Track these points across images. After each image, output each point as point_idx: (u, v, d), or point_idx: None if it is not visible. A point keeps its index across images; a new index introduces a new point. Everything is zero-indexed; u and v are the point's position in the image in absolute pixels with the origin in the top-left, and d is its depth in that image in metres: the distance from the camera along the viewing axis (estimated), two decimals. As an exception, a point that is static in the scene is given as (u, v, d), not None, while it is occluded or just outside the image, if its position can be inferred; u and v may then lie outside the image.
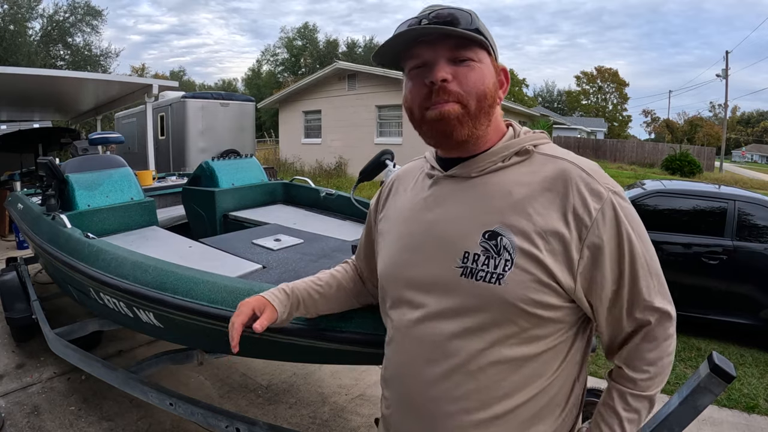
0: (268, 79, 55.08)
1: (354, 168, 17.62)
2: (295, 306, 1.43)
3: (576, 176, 1.02)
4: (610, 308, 1.06)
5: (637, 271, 1.03)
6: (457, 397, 1.05)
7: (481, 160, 1.10)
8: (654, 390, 1.09)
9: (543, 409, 1.08)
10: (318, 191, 4.56)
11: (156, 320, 2.31)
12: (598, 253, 1.00)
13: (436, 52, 1.04)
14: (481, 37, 1.05)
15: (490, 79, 1.07)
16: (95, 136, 5.05)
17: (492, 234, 1.03)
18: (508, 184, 1.06)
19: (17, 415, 3.32)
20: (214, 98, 14.00)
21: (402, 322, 1.15)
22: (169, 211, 5.34)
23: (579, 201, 1.00)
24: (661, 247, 5.09)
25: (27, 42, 25.26)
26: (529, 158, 1.10)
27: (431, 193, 1.16)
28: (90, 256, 2.59)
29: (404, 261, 1.16)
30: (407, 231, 1.18)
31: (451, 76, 1.03)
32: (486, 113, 1.07)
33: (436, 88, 1.03)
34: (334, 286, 1.49)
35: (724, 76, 38.56)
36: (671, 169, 25.18)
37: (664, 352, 1.09)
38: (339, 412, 3.47)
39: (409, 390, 1.13)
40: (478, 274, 1.02)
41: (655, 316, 1.06)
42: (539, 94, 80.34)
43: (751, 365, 4.45)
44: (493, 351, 1.03)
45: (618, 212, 1.01)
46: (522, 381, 1.04)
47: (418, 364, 1.10)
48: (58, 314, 4.73)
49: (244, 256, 2.89)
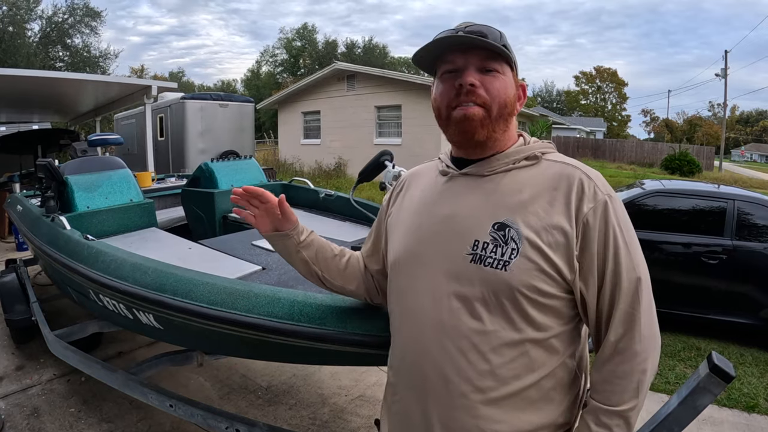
0: (267, 80, 55.13)
1: (353, 169, 17.61)
2: (310, 244, 1.48)
3: (578, 178, 1.13)
4: (597, 305, 1.13)
5: (620, 272, 1.10)
6: (469, 376, 1.12)
7: (494, 161, 1.22)
8: (626, 406, 1.11)
9: (550, 392, 1.15)
10: (317, 192, 4.56)
11: (155, 322, 2.31)
12: (588, 246, 1.10)
13: (468, 59, 1.17)
14: (507, 52, 1.17)
15: (511, 90, 1.20)
16: (94, 137, 5.04)
17: (501, 225, 1.13)
18: (518, 183, 1.17)
19: (17, 416, 3.32)
20: (213, 99, 14.00)
21: (415, 307, 1.23)
22: (168, 212, 5.34)
23: (578, 199, 1.11)
24: (660, 246, 5.10)
25: (26, 43, 25.28)
26: (537, 163, 1.21)
27: (446, 188, 1.27)
28: (89, 258, 2.59)
29: (418, 249, 1.24)
30: (420, 222, 1.27)
31: (479, 81, 1.16)
32: (505, 120, 1.20)
33: (465, 90, 1.15)
34: (346, 256, 1.53)
35: (723, 76, 38.55)
36: (670, 168, 25.19)
37: (635, 367, 1.10)
38: (339, 413, 3.47)
39: (423, 371, 1.19)
40: (487, 260, 1.11)
41: (626, 326, 1.11)
42: (538, 94, 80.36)
43: (751, 365, 4.44)
44: (501, 333, 1.11)
45: (609, 213, 1.10)
46: (530, 363, 1.12)
47: (431, 346, 1.17)
48: (57, 316, 4.73)
49: (243, 257, 2.89)
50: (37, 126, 13.18)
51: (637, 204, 5.33)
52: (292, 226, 1.45)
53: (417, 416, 1.21)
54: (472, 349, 1.12)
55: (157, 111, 13.62)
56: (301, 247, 1.47)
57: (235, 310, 1.82)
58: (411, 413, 1.23)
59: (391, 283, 1.34)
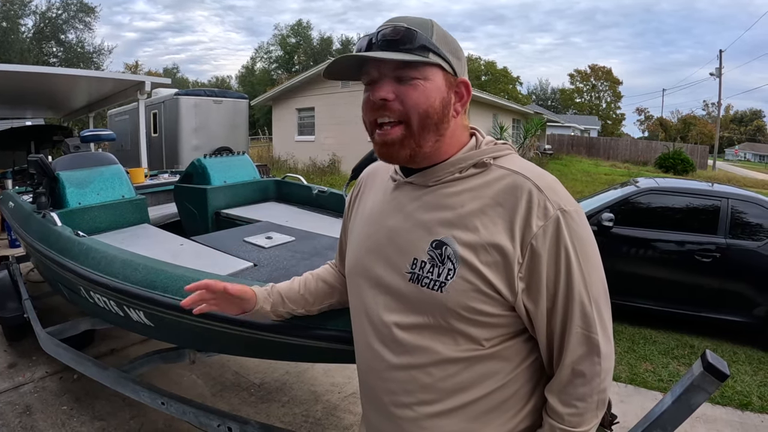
0: (262, 77, 55.02)
1: (347, 165, 17.60)
2: (279, 303, 1.48)
3: (527, 192, 1.03)
4: (547, 327, 1.06)
5: (573, 294, 1.03)
6: (412, 389, 1.11)
7: (438, 170, 1.13)
8: (584, 427, 1.08)
9: (497, 407, 1.10)
10: (310, 189, 4.54)
11: (146, 319, 2.29)
12: (536, 270, 1.02)
13: (380, 71, 1.08)
14: (426, 57, 1.06)
15: (436, 96, 1.08)
16: (87, 133, 5.01)
17: (439, 243, 1.07)
18: (461, 197, 1.09)
19: (9, 414, 3.30)
20: (207, 95, 13.93)
21: (361, 321, 1.22)
22: (161, 208, 5.30)
23: (524, 216, 1.02)
24: (654, 244, 5.11)
25: (19, 39, 25.16)
26: (486, 170, 1.11)
27: (393, 197, 1.21)
28: (80, 255, 2.56)
29: (366, 262, 1.21)
30: (369, 233, 1.23)
31: (393, 95, 1.07)
32: (432, 130, 1.09)
33: (377, 105, 1.08)
34: (312, 282, 1.53)
35: (718, 75, 38.70)
36: (664, 167, 25.31)
37: (594, 388, 1.06)
38: (332, 411, 3.46)
39: (370, 383, 1.21)
40: (424, 280, 1.07)
41: (584, 348, 1.05)
42: (533, 92, 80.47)
43: (744, 362, 4.46)
44: (442, 350, 1.07)
45: (561, 232, 1.01)
46: (473, 378, 1.08)
47: (376, 360, 1.16)
48: (50, 313, 4.70)
49: (235, 253, 2.87)
50: (30, 122, 13.14)
51: (631, 202, 5.35)
52: (253, 302, 1.43)
53: (375, 425, 1.22)
54: (414, 366, 1.09)
55: (151, 107, 13.56)
56: (273, 311, 1.48)
57: (226, 307, 1.81)
58: (372, 422, 1.24)
59: (349, 292, 1.32)
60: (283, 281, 1.54)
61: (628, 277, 5.13)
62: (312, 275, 1.54)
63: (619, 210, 5.30)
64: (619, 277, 5.05)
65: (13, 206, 4.14)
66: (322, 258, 2.73)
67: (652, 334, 5.00)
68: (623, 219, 5.24)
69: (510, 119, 24.69)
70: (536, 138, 26.83)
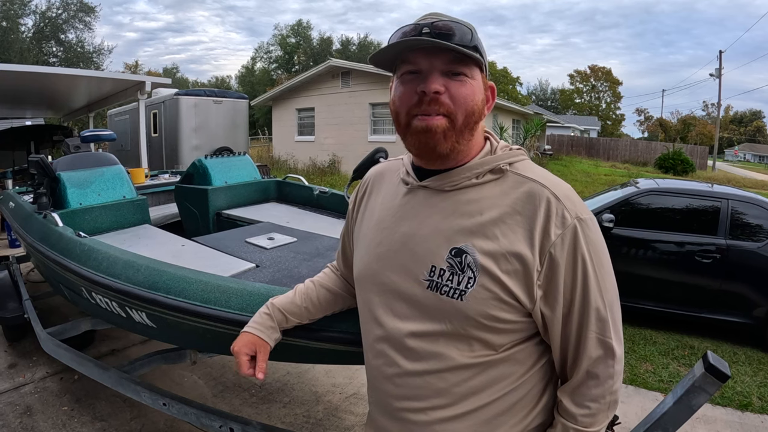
0: (262, 77, 54.95)
1: (348, 166, 17.62)
2: (283, 321, 1.46)
3: (545, 200, 1.04)
4: (562, 331, 1.08)
5: (589, 300, 1.05)
6: (426, 395, 1.11)
7: (456, 175, 1.12)
8: (596, 427, 1.10)
9: (509, 410, 1.11)
10: (311, 189, 4.54)
11: (148, 320, 2.29)
12: (554, 277, 1.03)
13: (432, 62, 1.05)
14: (477, 55, 1.06)
15: (479, 96, 1.09)
16: (87, 133, 5.01)
17: (458, 251, 1.06)
18: (479, 203, 1.09)
19: (9, 415, 3.30)
20: (207, 95, 13.89)
21: (373, 327, 1.20)
22: (161, 209, 5.30)
23: (543, 225, 1.02)
24: (654, 245, 5.12)
25: (19, 39, 25.15)
26: (503, 177, 1.11)
27: (405, 201, 1.19)
28: (81, 255, 2.56)
29: (377, 268, 1.19)
30: (380, 239, 1.20)
31: (444, 88, 1.04)
32: (470, 129, 1.09)
33: (428, 98, 1.04)
34: (314, 292, 1.51)
35: (718, 76, 38.67)
36: (664, 167, 25.32)
37: (607, 390, 1.09)
38: (333, 411, 3.46)
39: (381, 388, 1.19)
40: (443, 288, 1.06)
41: (599, 351, 1.07)
42: (533, 92, 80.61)
43: (744, 363, 4.46)
44: (456, 356, 1.07)
45: (578, 240, 1.03)
46: (486, 382, 1.09)
47: (389, 366, 1.15)
48: (50, 313, 4.70)
49: (237, 254, 2.87)
50: (30, 122, 13.14)
51: (631, 202, 5.35)
52: (269, 345, 1.42)
53: (384, 429, 1.22)
54: (429, 371, 1.09)
55: (151, 107, 13.53)
56: (289, 326, 1.49)
57: (228, 308, 1.81)
58: (380, 425, 1.23)
59: (358, 297, 1.30)
60: (286, 282, 1.54)
61: (628, 278, 5.12)
62: (313, 284, 1.53)
63: (619, 211, 5.31)
64: (619, 277, 4.99)
65: (14, 206, 4.14)
66: (324, 259, 2.73)
67: (652, 335, 5.00)
68: (624, 220, 5.25)
69: (510, 120, 24.67)
70: (536, 138, 26.83)
